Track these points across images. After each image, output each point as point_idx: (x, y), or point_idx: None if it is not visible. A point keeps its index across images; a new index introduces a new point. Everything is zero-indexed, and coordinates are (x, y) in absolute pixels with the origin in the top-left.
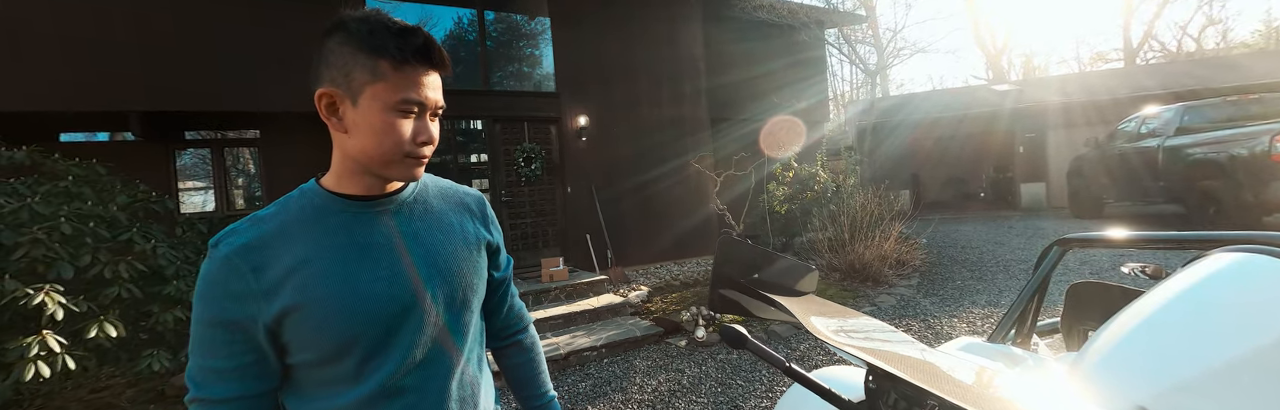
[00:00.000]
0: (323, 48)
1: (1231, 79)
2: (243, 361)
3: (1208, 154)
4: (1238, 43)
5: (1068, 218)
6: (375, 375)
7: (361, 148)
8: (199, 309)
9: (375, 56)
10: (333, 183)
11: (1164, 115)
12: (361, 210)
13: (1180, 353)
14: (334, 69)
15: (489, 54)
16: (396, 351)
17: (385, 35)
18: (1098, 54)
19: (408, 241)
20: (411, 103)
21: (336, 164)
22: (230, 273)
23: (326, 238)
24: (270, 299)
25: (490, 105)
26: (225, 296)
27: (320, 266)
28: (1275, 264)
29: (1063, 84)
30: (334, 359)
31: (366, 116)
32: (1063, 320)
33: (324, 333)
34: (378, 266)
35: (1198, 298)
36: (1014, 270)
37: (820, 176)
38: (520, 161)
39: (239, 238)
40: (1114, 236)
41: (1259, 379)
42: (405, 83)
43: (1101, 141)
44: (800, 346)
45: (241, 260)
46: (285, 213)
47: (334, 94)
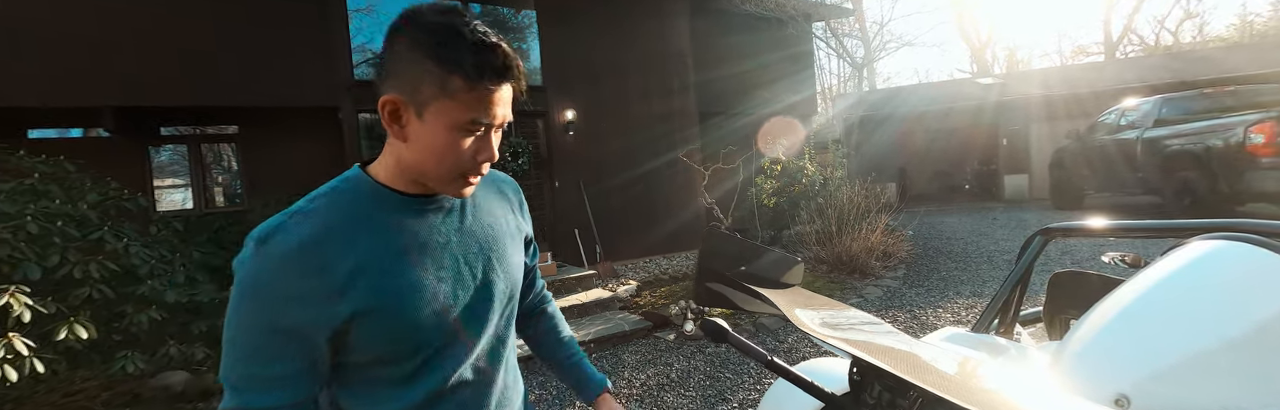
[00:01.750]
0: (391, 46)
1: (1207, 72)
2: (295, 368)
3: (1184, 145)
4: (1213, 36)
5: (1049, 209)
6: (438, 373)
7: (418, 162)
8: (247, 313)
9: (448, 71)
10: (385, 176)
11: (1142, 107)
12: (418, 208)
13: (1159, 340)
14: (402, 76)
15: None
16: (460, 350)
17: (462, 48)
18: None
19: (464, 239)
20: (480, 124)
21: (391, 163)
22: (289, 273)
23: (386, 236)
24: (337, 301)
25: None
26: (284, 299)
27: (385, 266)
28: (1250, 250)
29: (1045, 77)
30: (397, 360)
31: (429, 132)
32: (1045, 309)
33: (394, 334)
34: (440, 267)
35: (1176, 285)
36: (997, 261)
37: (808, 170)
38: (507, 156)
39: (292, 235)
40: (1095, 226)
41: (1236, 365)
42: (477, 102)
43: (1082, 134)
44: (788, 339)
45: (301, 260)
46: (334, 207)
47: (398, 102)
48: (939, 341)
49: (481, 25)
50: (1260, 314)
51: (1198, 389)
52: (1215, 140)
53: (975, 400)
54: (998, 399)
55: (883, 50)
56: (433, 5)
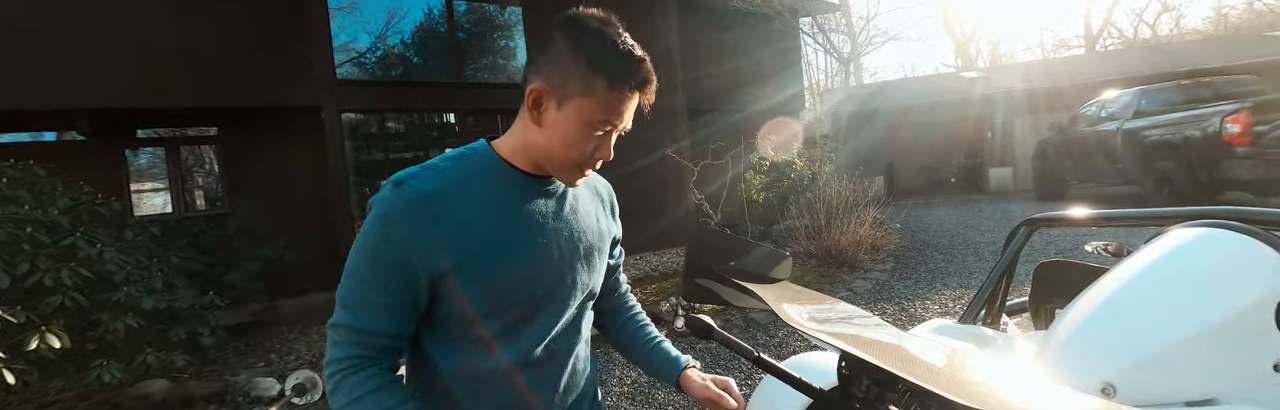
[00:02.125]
0: (550, 43)
1: (1184, 64)
2: (401, 301)
3: (1163, 136)
4: (1190, 29)
5: (1033, 200)
6: (513, 345)
7: (545, 147)
8: (373, 247)
9: (596, 75)
10: (508, 152)
11: (1122, 99)
12: (530, 185)
13: (1143, 328)
14: (554, 70)
15: (460, 46)
16: (539, 324)
17: (613, 58)
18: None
19: (560, 225)
20: (609, 124)
21: (517, 143)
22: (415, 217)
23: (499, 202)
24: (443, 250)
25: (463, 98)
26: (405, 241)
27: (491, 228)
28: (1229, 236)
29: (1028, 70)
30: (481, 319)
31: (564, 123)
32: (1030, 299)
33: (482, 292)
34: (537, 244)
35: (1157, 274)
36: (983, 252)
37: (797, 165)
38: None
39: (424, 183)
40: (1078, 216)
41: (1216, 351)
42: (612, 105)
43: (1064, 126)
44: (778, 334)
45: (426, 207)
46: (461, 169)
47: (544, 92)
48: (927, 333)
49: (630, 39)
50: (1239, 300)
51: (1180, 375)
52: (1192, 130)
53: (963, 392)
54: (985, 391)
55: (869, 45)
56: (594, 15)
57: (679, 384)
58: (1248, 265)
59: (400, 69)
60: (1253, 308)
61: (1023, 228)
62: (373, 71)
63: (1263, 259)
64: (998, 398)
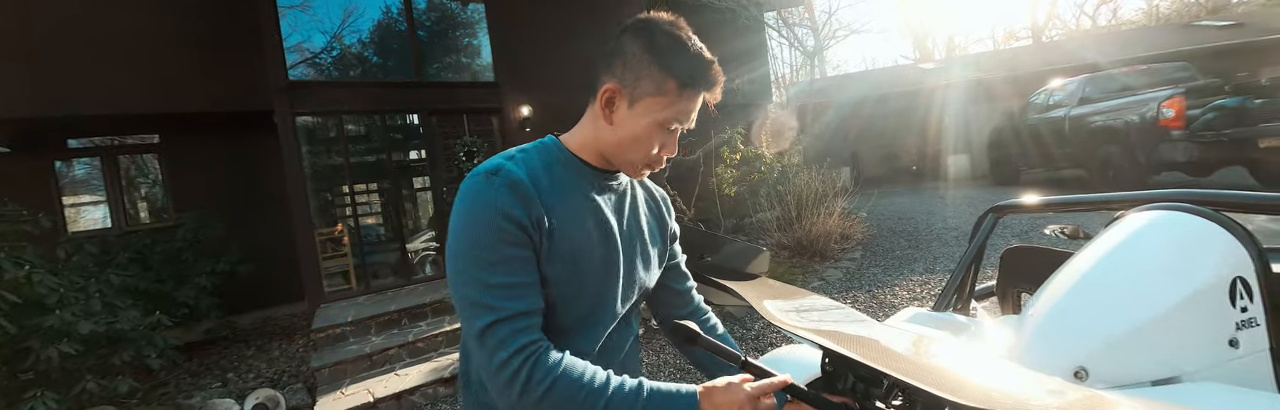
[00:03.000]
0: (622, 44)
1: (1123, 52)
2: (532, 278)
3: (1105, 121)
4: (1125, 20)
5: (989, 186)
6: (588, 334)
7: (615, 144)
8: (485, 230)
9: (668, 76)
10: (577, 147)
11: (1068, 87)
12: (599, 178)
13: (1109, 313)
14: (627, 70)
15: (421, 43)
16: (606, 314)
17: (684, 58)
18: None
19: (623, 221)
20: (677, 122)
21: (585, 137)
22: (516, 197)
23: (571, 192)
24: (544, 230)
25: (426, 97)
26: (515, 219)
27: (572, 215)
28: (1185, 219)
29: (981, 61)
30: (561, 307)
31: (634, 121)
32: (998, 284)
33: (567, 277)
34: (608, 231)
35: (1119, 258)
36: (946, 238)
37: (766, 158)
38: (461, 156)
39: (513, 171)
40: (1042, 202)
41: (1180, 330)
42: (682, 105)
43: (1016, 114)
44: (754, 326)
45: (524, 189)
46: (537, 160)
47: (617, 91)
48: (903, 323)
49: (700, 42)
50: (1195, 280)
51: (1146, 356)
52: (1132, 116)
53: (945, 386)
54: (969, 383)
55: (832, 38)
56: (664, 19)
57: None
58: (1202, 246)
59: (358, 69)
60: (1208, 287)
61: (990, 215)
62: (328, 72)
63: (1215, 239)
64: (981, 389)
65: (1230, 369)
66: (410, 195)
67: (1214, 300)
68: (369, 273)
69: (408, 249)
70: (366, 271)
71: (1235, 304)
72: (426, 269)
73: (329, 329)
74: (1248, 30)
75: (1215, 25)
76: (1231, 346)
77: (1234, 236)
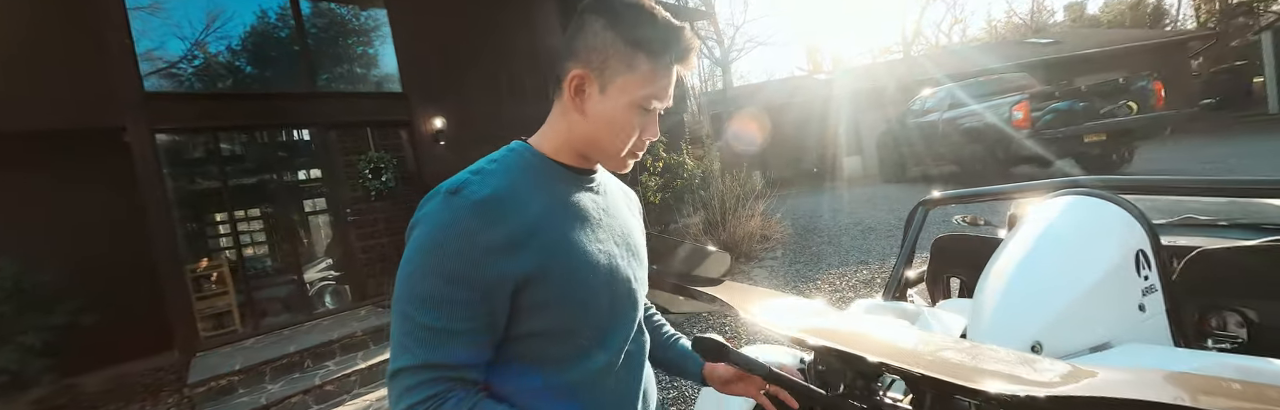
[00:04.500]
0: (583, 24)
1: (977, 64)
2: (481, 323)
3: (970, 123)
4: (973, 37)
5: (880, 183)
6: (608, 346)
7: (593, 136)
8: (437, 262)
9: (636, 50)
10: (551, 149)
11: (938, 95)
12: (577, 181)
13: (1051, 291)
14: (592, 51)
15: (312, 51)
16: (624, 322)
17: (652, 28)
18: (884, 47)
19: (611, 219)
20: (657, 100)
21: (557, 136)
22: (482, 222)
23: (555, 201)
24: (521, 254)
25: (321, 110)
26: (475, 248)
27: (559, 226)
28: (1091, 201)
29: (865, 72)
30: (566, 331)
31: (609, 107)
32: (929, 270)
33: (565, 299)
34: (597, 238)
35: (1049, 240)
36: (853, 232)
37: (687, 165)
38: (367, 173)
39: (481, 187)
40: (962, 193)
41: (1102, 301)
42: (658, 79)
43: (898, 118)
44: (692, 332)
45: (491, 209)
46: (510, 170)
47: (585, 77)
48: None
49: (665, 10)
50: (1108, 255)
51: (1085, 326)
52: (991, 118)
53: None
54: (978, 370)
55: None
56: None
57: (701, 376)
58: (1109, 225)
59: (230, 79)
60: (1119, 261)
61: (920, 208)
62: (194, 83)
63: (1118, 218)
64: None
65: (1140, 330)
66: (304, 219)
67: (1125, 272)
68: (257, 311)
69: (305, 280)
70: (254, 310)
71: (1140, 273)
72: (327, 301)
73: (211, 381)
74: (1064, 47)
75: (1040, 42)
76: (1140, 311)
77: (1131, 215)
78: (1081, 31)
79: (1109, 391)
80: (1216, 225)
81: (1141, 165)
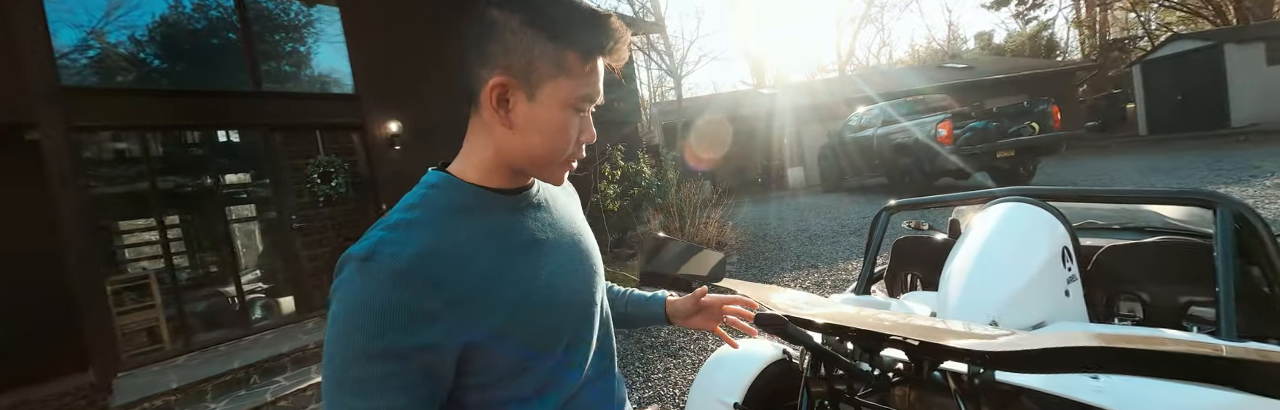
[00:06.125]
0: (492, 23)
1: (903, 85)
2: (417, 396)
3: (901, 139)
4: (898, 59)
5: (821, 193)
6: (573, 371)
7: (526, 147)
8: (358, 338)
9: (564, 48)
10: (477, 176)
11: (872, 111)
12: (515, 203)
13: (1001, 279)
14: (513, 56)
15: (255, 48)
16: (585, 346)
17: (578, 20)
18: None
19: (557, 233)
20: (591, 100)
21: (482, 158)
22: (407, 290)
23: (494, 238)
24: (457, 316)
25: (266, 111)
26: (401, 320)
27: (502, 271)
28: (1026, 207)
29: (807, 87)
30: (533, 366)
31: (542, 114)
32: (889, 268)
33: (533, 337)
34: (548, 262)
35: (997, 238)
36: (801, 239)
37: (645, 173)
38: (315, 178)
39: (402, 247)
40: (921, 200)
41: (1040, 287)
42: (591, 78)
43: (837, 133)
44: (660, 333)
45: (418, 274)
46: (435, 213)
47: (508, 85)
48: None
49: (590, 3)
50: (1044, 251)
51: (1029, 307)
52: (919, 134)
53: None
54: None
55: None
56: None
57: (667, 315)
58: (1041, 226)
59: (164, 75)
60: (1051, 255)
61: (883, 213)
62: (120, 78)
63: (1046, 220)
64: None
65: (1066, 311)
66: (244, 226)
67: (1055, 264)
68: (191, 326)
69: (244, 291)
70: (186, 324)
71: (1065, 265)
72: (268, 314)
73: (143, 402)
74: (976, 72)
75: (956, 67)
76: (1066, 296)
77: (1057, 218)
78: (989, 58)
79: (1050, 343)
80: (1111, 228)
81: (1042, 178)
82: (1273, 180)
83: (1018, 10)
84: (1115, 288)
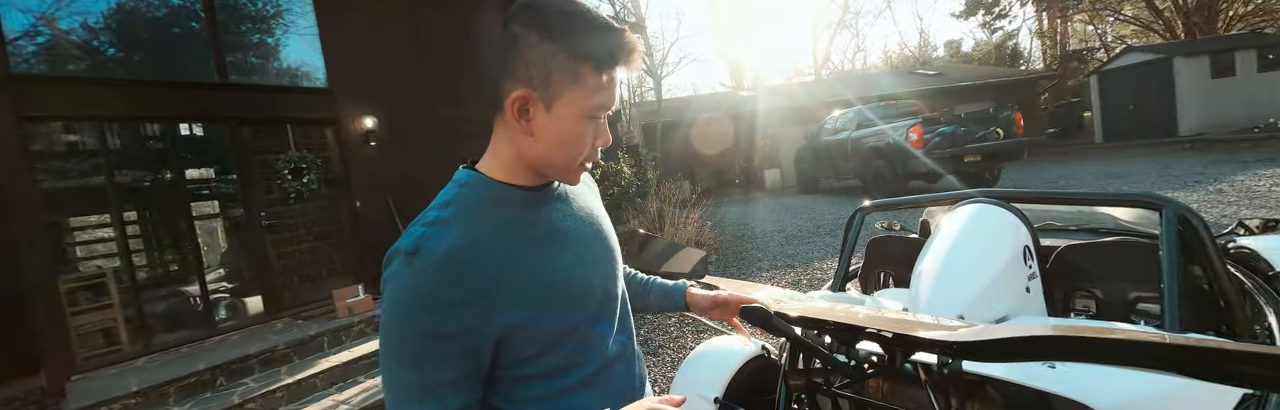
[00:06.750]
0: (514, 38)
1: (877, 89)
2: (463, 371)
3: (874, 143)
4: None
5: (797, 194)
6: (595, 353)
7: (546, 154)
8: (409, 322)
9: (581, 62)
10: (503, 174)
11: (847, 115)
12: (538, 199)
13: (968, 275)
14: (532, 69)
15: (222, 38)
16: (606, 328)
17: (593, 35)
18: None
19: (578, 223)
20: (606, 108)
21: (506, 159)
22: (445, 280)
23: (519, 231)
24: (493, 302)
25: (234, 103)
26: (445, 306)
27: (527, 261)
28: (991, 208)
29: (784, 91)
30: (557, 349)
31: (559, 124)
32: (863, 267)
33: (555, 324)
34: (569, 252)
35: (965, 238)
36: (779, 239)
37: (625, 173)
38: (286, 174)
39: (439, 242)
40: (892, 201)
41: (1002, 284)
42: (606, 89)
43: (813, 136)
44: (643, 330)
45: (454, 265)
46: (466, 210)
47: (529, 97)
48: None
49: (599, 11)
50: (1005, 249)
51: (993, 302)
52: (891, 138)
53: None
54: (913, 325)
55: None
56: None
57: (687, 305)
58: (1004, 226)
59: (124, 64)
60: (1013, 254)
61: (857, 214)
62: (76, 66)
63: (1008, 220)
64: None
65: (1027, 307)
66: (209, 223)
67: (1017, 262)
68: (151, 326)
69: (209, 291)
70: (146, 325)
71: (1026, 263)
72: (234, 313)
73: (99, 406)
74: (945, 78)
75: (927, 73)
76: (1027, 292)
77: (1019, 219)
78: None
79: (1013, 334)
80: (1068, 229)
81: (1005, 182)
82: (1214, 186)
83: (985, 20)
84: (1071, 285)
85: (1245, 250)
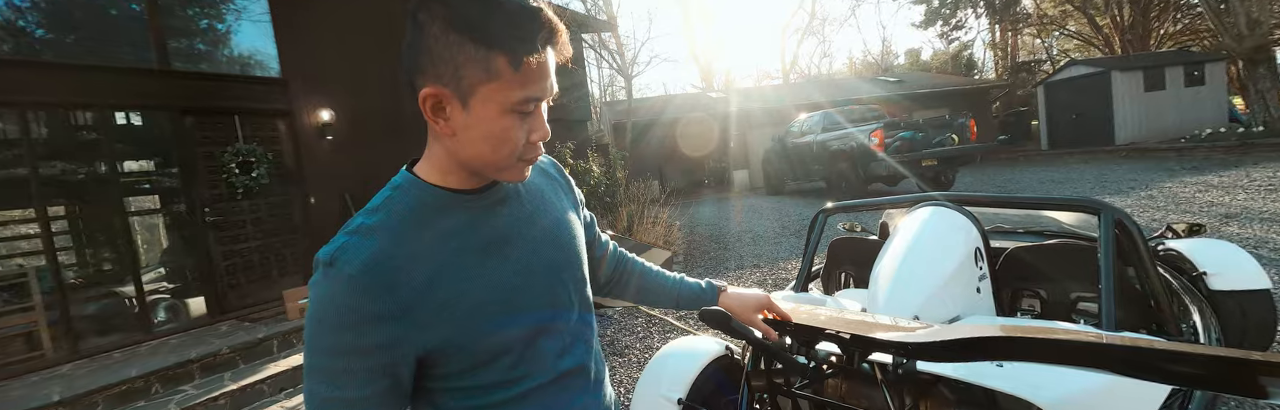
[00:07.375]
0: (420, 31)
1: (842, 94)
2: (379, 387)
3: (838, 146)
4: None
5: (765, 195)
6: (539, 362)
7: (473, 154)
8: (324, 336)
9: (490, 50)
10: (437, 178)
11: (813, 118)
12: (477, 204)
13: (923, 277)
14: (439, 63)
15: (163, 22)
16: (556, 337)
17: (503, 23)
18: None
19: (526, 228)
20: (532, 101)
21: (439, 160)
22: (361, 294)
23: (451, 239)
24: (415, 316)
25: (176, 91)
26: (360, 321)
27: (457, 274)
28: (945, 211)
29: (755, 93)
30: (497, 360)
31: (481, 122)
32: (825, 267)
33: (480, 340)
34: (510, 262)
35: (920, 240)
36: (745, 239)
37: (593, 172)
38: (232, 168)
39: (358, 253)
40: (854, 203)
41: (955, 285)
42: (526, 78)
43: (780, 138)
44: (609, 330)
45: (372, 279)
46: (394, 217)
47: (440, 95)
48: None
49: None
50: (958, 251)
51: (946, 303)
52: (854, 141)
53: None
54: (871, 325)
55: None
56: None
57: (720, 306)
58: (957, 228)
59: (51, 46)
60: (965, 255)
61: (820, 216)
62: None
63: (961, 223)
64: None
65: (977, 307)
66: (146, 219)
67: (969, 264)
68: (78, 330)
69: (145, 292)
70: (72, 328)
71: (978, 264)
72: (173, 316)
73: None
74: (905, 85)
75: (889, 80)
76: (977, 292)
77: (971, 222)
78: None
79: (964, 334)
80: (1016, 232)
81: (959, 186)
82: (1145, 192)
83: (943, 30)
84: (1018, 285)
85: (1172, 252)
